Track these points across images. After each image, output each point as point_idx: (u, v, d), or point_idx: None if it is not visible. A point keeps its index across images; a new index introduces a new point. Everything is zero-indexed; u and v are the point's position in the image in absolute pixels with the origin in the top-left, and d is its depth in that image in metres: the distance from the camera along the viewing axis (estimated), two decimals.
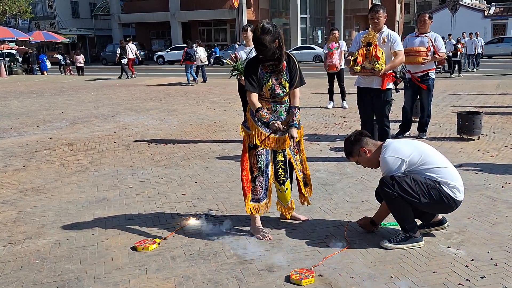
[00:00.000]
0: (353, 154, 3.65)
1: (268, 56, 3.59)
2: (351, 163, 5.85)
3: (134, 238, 3.83)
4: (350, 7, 47.91)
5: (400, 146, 3.48)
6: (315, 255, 3.44)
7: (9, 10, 31.36)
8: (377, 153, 3.55)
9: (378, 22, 5.70)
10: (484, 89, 13.21)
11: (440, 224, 3.72)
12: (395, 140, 3.62)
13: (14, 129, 9.22)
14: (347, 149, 3.69)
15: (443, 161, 3.51)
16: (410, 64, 6.94)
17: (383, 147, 3.53)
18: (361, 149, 3.58)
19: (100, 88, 17.22)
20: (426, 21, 7.02)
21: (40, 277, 3.28)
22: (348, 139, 3.71)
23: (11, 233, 4.08)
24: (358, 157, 3.62)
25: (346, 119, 9.16)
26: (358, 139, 3.62)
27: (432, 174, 3.40)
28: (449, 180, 3.40)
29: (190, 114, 10.50)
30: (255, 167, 3.75)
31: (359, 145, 3.59)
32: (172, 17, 41.44)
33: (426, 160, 3.42)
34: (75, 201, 4.85)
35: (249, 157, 3.76)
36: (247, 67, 3.75)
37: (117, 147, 7.35)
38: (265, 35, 3.53)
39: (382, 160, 3.48)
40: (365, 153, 3.58)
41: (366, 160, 3.63)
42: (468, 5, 40.71)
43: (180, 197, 4.86)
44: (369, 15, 5.80)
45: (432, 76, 7.08)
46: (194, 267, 3.33)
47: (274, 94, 3.69)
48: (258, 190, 3.77)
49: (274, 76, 3.68)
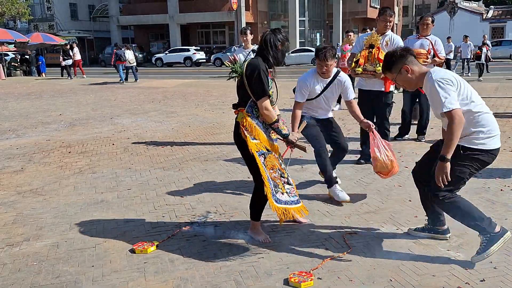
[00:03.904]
0: (392, 70, 3.33)
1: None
2: (350, 165, 5.86)
3: (132, 241, 3.82)
4: (348, 10, 47.91)
5: (448, 73, 3.17)
6: (314, 258, 3.43)
7: (8, 12, 31.32)
8: (419, 77, 3.25)
9: (389, 26, 5.69)
10: (482, 92, 13.22)
11: (443, 233, 3.66)
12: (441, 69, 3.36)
13: (13, 131, 9.20)
14: (388, 63, 3.36)
15: (482, 101, 3.27)
16: None
17: (431, 71, 3.19)
18: (404, 67, 3.26)
19: (98, 90, 17.20)
20: (429, 24, 7.00)
21: (38, 279, 3.27)
22: (392, 52, 3.37)
23: (9, 235, 4.06)
24: (397, 74, 3.30)
25: (345, 121, 9.15)
26: (404, 55, 3.28)
27: (479, 127, 3.18)
28: (493, 129, 3.25)
29: (188, 116, 10.49)
30: (281, 168, 3.64)
31: (402, 62, 3.27)
32: (170, 19, 41.41)
33: (474, 98, 3.18)
34: (73, 203, 4.83)
35: (271, 161, 3.56)
36: (263, 69, 3.50)
37: (116, 149, 7.33)
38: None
39: (432, 84, 3.10)
40: (407, 71, 3.26)
41: (405, 80, 3.31)
42: (467, 8, 40.78)
43: (179, 199, 4.85)
44: (380, 17, 5.74)
45: None
46: (193, 269, 3.32)
47: (272, 100, 3.65)
48: (296, 190, 3.75)
49: (273, 83, 3.66)
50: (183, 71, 29.86)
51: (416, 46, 6.94)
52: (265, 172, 3.47)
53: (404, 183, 5.13)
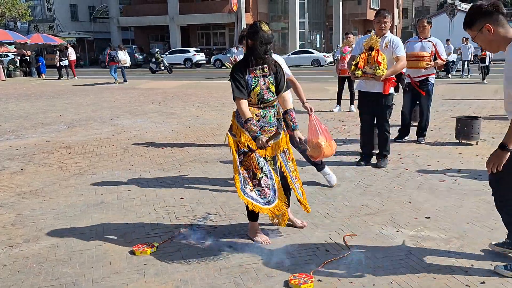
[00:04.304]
0: (473, 27, 2.94)
1: (269, 54, 3.50)
2: (350, 167, 5.86)
3: (132, 242, 3.82)
4: (348, 12, 48.04)
5: None
6: (314, 260, 3.43)
7: (8, 12, 31.34)
8: (503, 41, 2.88)
9: (384, 27, 5.68)
10: (482, 94, 13.24)
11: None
12: None
13: (12, 132, 9.20)
14: (470, 17, 2.96)
15: None
16: (412, 69, 6.92)
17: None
18: (486, 25, 2.86)
19: (98, 91, 17.20)
20: (425, 26, 7.05)
21: (38, 280, 3.26)
22: (477, 6, 2.94)
23: (9, 236, 4.06)
24: (478, 32, 2.92)
25: (345, 123, 9.16)
26: (490, 12, 2.86)
27: None
28: None
29: (188, 117, 10.49)
30: (257, 169, 3.60)
31: (486, 20, 2.87)
32: (171, 21, 41.46)
33: None
34: (73, 204, 4.83)
35: (248, 161, 3.62)
36: (234, 72, 3.53)
37: (116, 150, 7.33)
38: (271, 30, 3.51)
39: None
40: (489, 32, 2.87)
41: (484, 40, 2.93)
42: (466, 10, 40.83)
43: (179, 200, 4.85)
44: (375, 19, 5.75)
45: (432, 81, 7.09)
46: (193, 271, 3.32)
47: (262, 99, 3.56)
48: (266, 192, 3.62)
49: (262, 81, 3.56)
50: (183, 72, 29.88)
51: (416, 48, 6.97)
52: (238, 167, 3.59)
53: (404, 184, 5.13)
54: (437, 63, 7.01)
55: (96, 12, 47.94)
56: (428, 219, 4.14)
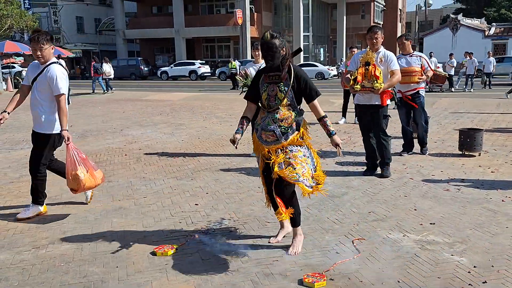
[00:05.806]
0: None
1: (276, 63, 3.65)
2: (357, 176, 6.08)
3: (152, 244, 4.03)
4: (352, 26, 48.56)
5: None
6: (325, 261, 3.64)
7: (16, 24, 31.80)
8: None
9: (376, 42, 5.96)
10: (485, 108, 13.46)
11: None
12: None
13: (26, 141, 9.42)
14: None
15: None
16: (402, 84, 6.91)
17: None
18: None
19: (106, 103, 17.50)
20: (404, 42, 7.12)
21: (67, 278, 3.48)
22: None
23: (34, 239, 4.28)
24: None
25: (351, 134, 9.38)
26: None
27: None
28: None
29: (197, 128, 10.73)
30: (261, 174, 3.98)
31: None
32: (176, 33, 41.94)
33: None
34: (92, 210, 5.05)
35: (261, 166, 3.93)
36: (256, 75, 3.95)
37: (128, 159, 7.56)
38: (274, 39, 3.62)
39: None
40: None
41: None
42: (469, 25, 41.17)
43: (194, 206, 5.07)
44: (367, 36, 6.04)
45: (422, 94, 7.21)
46: (212, 270, 3.53)
47: (269, 104, 3.76)
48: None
49: (271, 87, 3.75)
50: (188, 85, 30.21)
51: (402, 64, 6.87)
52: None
53: (410, 193, 5.34)
54: (428, 76, 7.17)
55: (102, 24, 48.52)
56: (432, 225, 4.35)
